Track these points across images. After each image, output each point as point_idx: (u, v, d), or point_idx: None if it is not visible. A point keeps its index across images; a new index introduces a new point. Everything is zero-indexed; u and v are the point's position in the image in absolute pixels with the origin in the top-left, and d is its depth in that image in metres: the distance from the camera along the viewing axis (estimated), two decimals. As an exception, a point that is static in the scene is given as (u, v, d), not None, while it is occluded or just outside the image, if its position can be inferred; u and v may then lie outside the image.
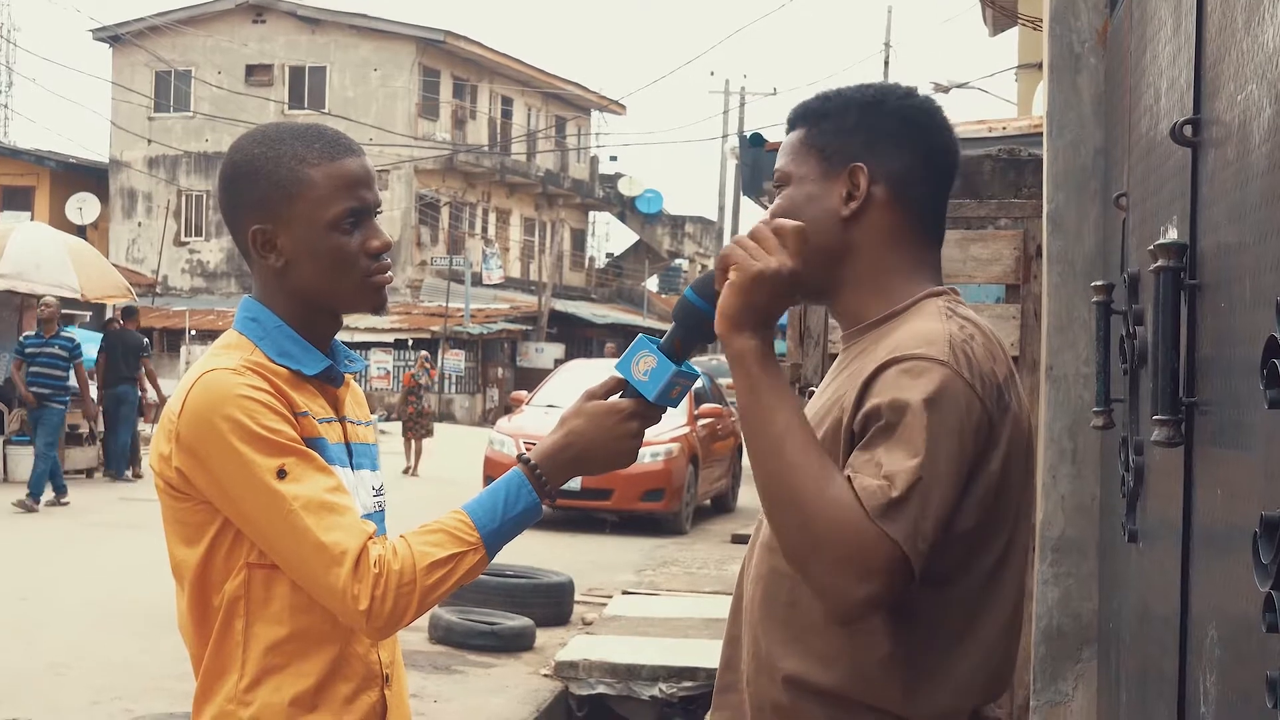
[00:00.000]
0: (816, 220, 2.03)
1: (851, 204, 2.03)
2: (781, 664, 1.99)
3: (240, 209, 2.16)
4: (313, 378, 2.17)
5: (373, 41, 40.64)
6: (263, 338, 2.15)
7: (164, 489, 2.13)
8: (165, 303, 37.57)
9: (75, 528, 12.92)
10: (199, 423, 2.04)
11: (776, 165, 2.11)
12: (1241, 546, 1.99)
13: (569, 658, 7.73)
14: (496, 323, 38.13)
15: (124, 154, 41.13)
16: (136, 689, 7.18)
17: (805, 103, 2.13)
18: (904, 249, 2.05)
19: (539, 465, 2.12)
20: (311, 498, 2.02)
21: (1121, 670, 3.85)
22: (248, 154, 2.17)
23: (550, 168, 47.61)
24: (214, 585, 2.10)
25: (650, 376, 2.09)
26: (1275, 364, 1.77)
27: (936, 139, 2.08)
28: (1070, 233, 4.53)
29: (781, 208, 2.07)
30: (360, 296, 2.17)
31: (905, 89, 2.12)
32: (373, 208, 2.17)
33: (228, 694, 2.09)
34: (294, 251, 2.13)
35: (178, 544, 2.14)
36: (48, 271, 16.11)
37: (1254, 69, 2.16)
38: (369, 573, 1.99)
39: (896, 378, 1.87)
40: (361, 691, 2.14)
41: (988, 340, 1.96)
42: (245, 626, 2.09)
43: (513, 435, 14.98)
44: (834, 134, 2.06)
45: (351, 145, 2.18)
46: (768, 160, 9.16)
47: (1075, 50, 4.52)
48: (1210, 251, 2.57)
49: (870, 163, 2.03)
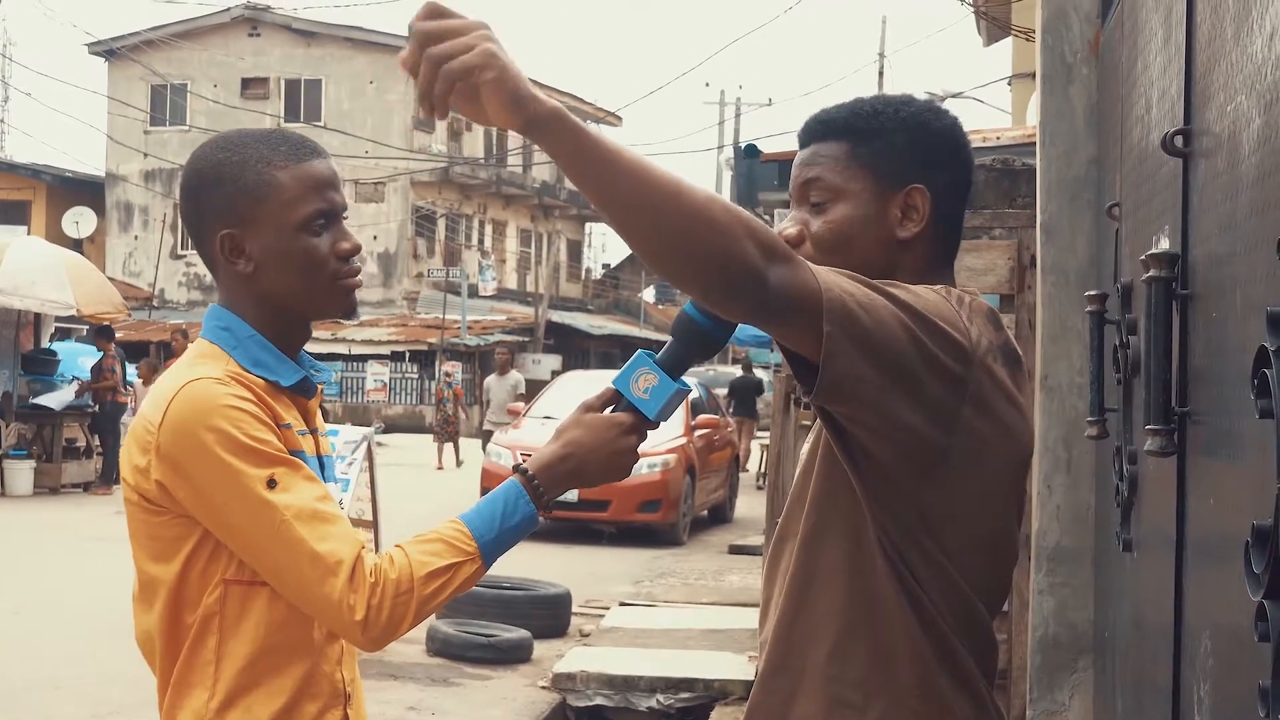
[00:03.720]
0: (869, 240, 2.03)
1: (909, 225, 2.03)
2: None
3: (206, 215, 2.12)
4: (287, 389, 2.14)
5: (368, 54, 40.65)
6: (235, 347, 2.11)
7: (137, 502, 2.07)
8: (162, 316, 37.54)
9: (72, 540, 12.91)
10: (183, 434, 2.00)
11: (811, 174, 2.07)
12: (1234, 556, 1.99)
13: (567, 669, 7.72)
14: (493, 334, 38.12)
15: (120, 168, 41.13)
16: (133, 702, 7.16)
17: (845, 115, 2.08)
18: (938, 266, 2.07)
19: (536, 476, 2.10)
20: (303, 507, 1.99)
21: (1117, 679, 3.85)
22: (211, 160, 2.13)
23: (546, 179, 47.62)
24: (188, 602, 2.05)
25: (651, 395, 2.07)
26: (1266, 374, 1.77)
27: (968, 158, 2.11)
28: (1064, 243, 4.54)
29: (833, 225, 2.04)
30: (330, 299, 2.14)
31: (931, 105, 2.12)
32: (340, 210, 2.15)
33: (196, 711, 2.06)
34: (263, 255, 2.10)
35: (148, 560, 2.08)
36: (44, 286, 16.10)
37: (1243, 80, 2.17)
38: (365, 582, 1.97)
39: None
40: (327, 710, 2.12)
41: (985, 309, 1.98)
42: (219, 644, 2.05)
43: (510, 447, 14.97)
44: (888, 153, 2.04)
45: (317, 148, 2.15)
46: (762, 171, 9.16)
47: (1067, 61, 4.53)
48: (1201, 261, 2.58)
49: (928, 183, 2.04)
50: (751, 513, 17.29)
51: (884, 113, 2.07)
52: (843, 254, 2.01)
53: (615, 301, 51.72)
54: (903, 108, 2.08)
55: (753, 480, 21.25)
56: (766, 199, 10.49)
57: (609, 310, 50.32)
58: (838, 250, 2.02)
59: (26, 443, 16.93)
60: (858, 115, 2.07)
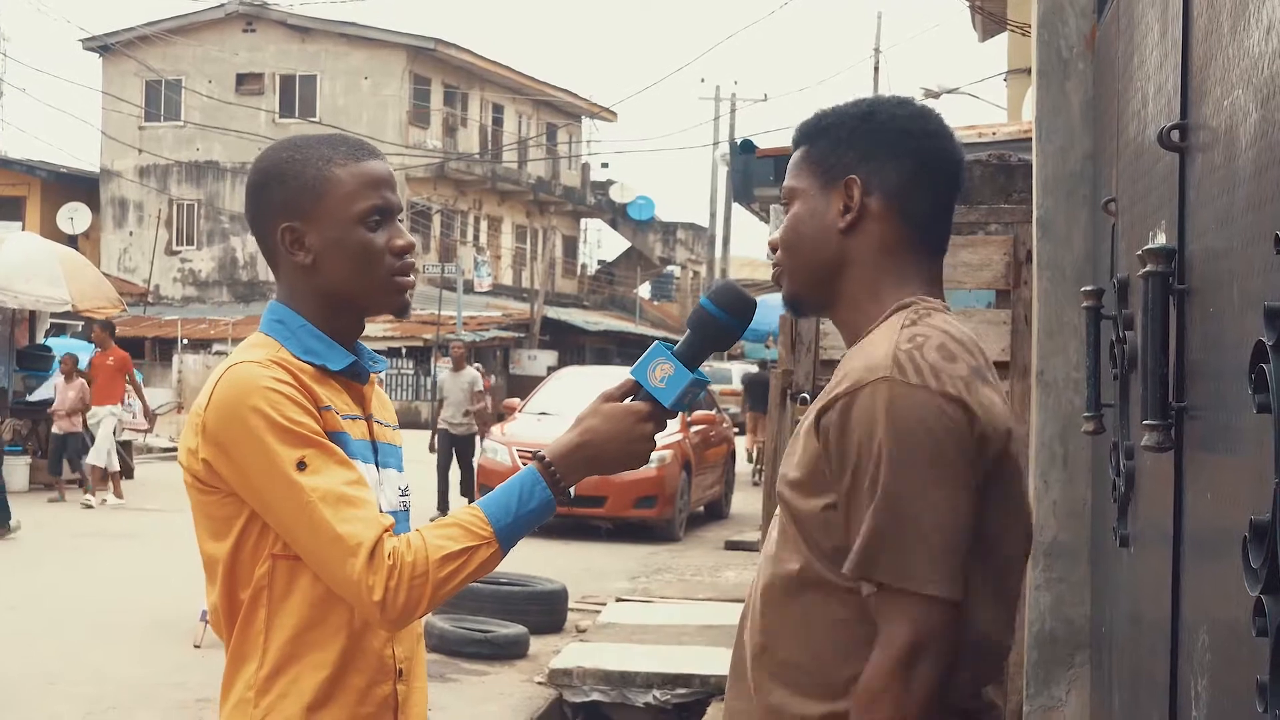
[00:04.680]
0: (815, 233, 2.07)
1: (847, 216, 2.05)
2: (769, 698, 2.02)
3: (268, 211, 2.22)
4: (338, 374, 2.22)
5: (363, 50, 40.61)
6: (288, 337, 2.20)
7: (191, 483, 2.17)
8: (157, 312, 37.51)
9: (66, 537, 12.90)
10: (225, 414, 2.09)
11: (785, 184, 2.15)
12: (1232, 551, 1.99)
13: (563, 665, 7.72)
14: (489, 330, 38.10)
15: (115, 163, 41.07)
16: (130, 699, 7.17)
17: (808, 121, 2.15)
18: (900, 260, 2.06)
19: (554, 463, 2.16)
20: (330, 490, 2.06)
21: (1114, 675, 3.85)
22: (275, 159, 2.25)
23: (542, 175, 47.60)
24: (242, 579, 2.14)
25: (668, 384, 2.14)
26: (1263, 368, 1.77)
27: (933, 146, 2.08)
28: (1060, 238, 4.53)
29: (786, 226, 2.11)
30: (384, 295, 2.23)
31: (899, 99, 2.13)
32: (396, 209, 2.25)
33: (247, 680, 2.14)
34: (322, 247, 2.19)
35: (207, 539, 2.18)
36: (39, 282, 16.08)
37: (1239, 74, 2.17)
38: (383, 564, 2.03)
39: (844, 418, 1.90)
40: (375, 685, 2.19)
41: (946, 340, 1.94)
42: (267, 616, 2.13)
43: (506, 443, 14.97)
44: (830, 148, 2.08)
45: (374, 150, 2.27)
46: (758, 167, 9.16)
47: (1064, 56, 4.52)
48: (1198, 256, 2.57)
49: (864, 174, 2.04)
50: (748, 508, 17.30)
51: (836, 110, 2.12)
52: (796, 251, 2.09)
53: (611, 297, 51.71)
54: (856, 105, 2.11)
55: (749, 476, 21.27)
56: (762, 194, 10.48)
57: (604, 306, 50.30)
58: (792, 248, 2.10)
59: (21, 439, 16.92)
60: (816, 119, 2.14)
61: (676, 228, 52.33)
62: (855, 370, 1.93)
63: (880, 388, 1.87)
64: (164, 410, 22.83)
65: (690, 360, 2.15)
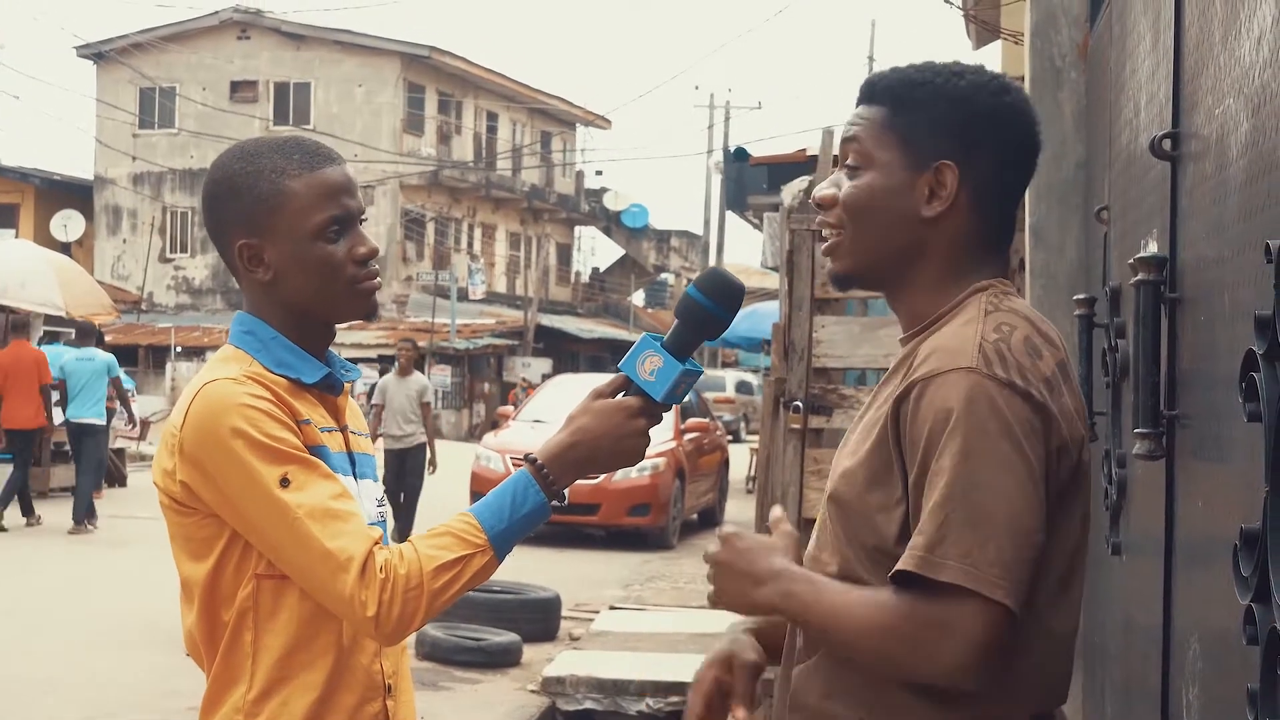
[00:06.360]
0: (893, 214, 1.92)
1: (935, 204, 1.91)
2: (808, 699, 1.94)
3: (225, 226, 2.17)
4: (312, 386, 2.17)
5: (357, 57, 40.60)
6: (259, 349, 2.15)
7: (169, 505, 2.11)
8: (151, 319, 37.47)
9: (62, 543, 12.88)
10: (203, 433, 2.04)
11: (850, 134, 1.97)
12: (1223, 559, 1.99)
13: (556, 673, 7.71)
14: (483, 338, 38.07)
15: (109, 171, 41.03)
16: (125, 705, 7.16)
17: (890, 80, 1.98)
18: (977, 252, 1.94)
19: (546, 465, 2.11)
20: (316, 505, 2.01)
21: (1106, 682, 3.85)
22: (228, 171, 2.17)
23: (536, 183, 47.58)
24: (223, 600, 2.09)
25: (657, 376, 2.08)
26: (1254, 377, 1.77)
27: (1025, 139, 1.96)
28: (1052, 246, 4.54)
29: (857, 194, 1.95)
30: (350, 304, 2.18)
31: (995, 81, 1.96)
32: (356, 215, 2.18)
33: (235, 704, 2.09)
34: (281, 263, 2.14)
35: (185, 560, 2.12)
36: (33, 289, 16.06)
37: (1231, 83, 2.18)
38: (375, 578, 1.99)
39: (921, 404, 1.79)
40: (366, 702, 2.15)
41: (1031, 333, 1.84)
42: (254, 639, 2.09)
43: (499, 450, 14.95)
44: (925, 128, 1.92)
45: (330, 154, 2.18)
46: (752, 174, 9.17)
47: (1056, 65, 4.54)
48: (1190, 265, 2.58)
49: (960, 163, 1.91)
50: (741, 516, 17.29)
51: (931, 83, 1.94)
52: (865, 225, 1.94)
53: (605, 305, 51.70)
54: (952, 79, 1.94)
55: (742, 484, 21.25)
56: (756, 202, 10.47)
57: (598, 314, 50.29)
58: (861, 220, 1.94)
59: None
60: (903, 82, 1.96)
61: (670, 235, 52.33)
62: (937, 354, 1.81)
63: (963, 376, 1.77)
64: (157, 418, 22.80)
65: (679, 351, 2.08)
